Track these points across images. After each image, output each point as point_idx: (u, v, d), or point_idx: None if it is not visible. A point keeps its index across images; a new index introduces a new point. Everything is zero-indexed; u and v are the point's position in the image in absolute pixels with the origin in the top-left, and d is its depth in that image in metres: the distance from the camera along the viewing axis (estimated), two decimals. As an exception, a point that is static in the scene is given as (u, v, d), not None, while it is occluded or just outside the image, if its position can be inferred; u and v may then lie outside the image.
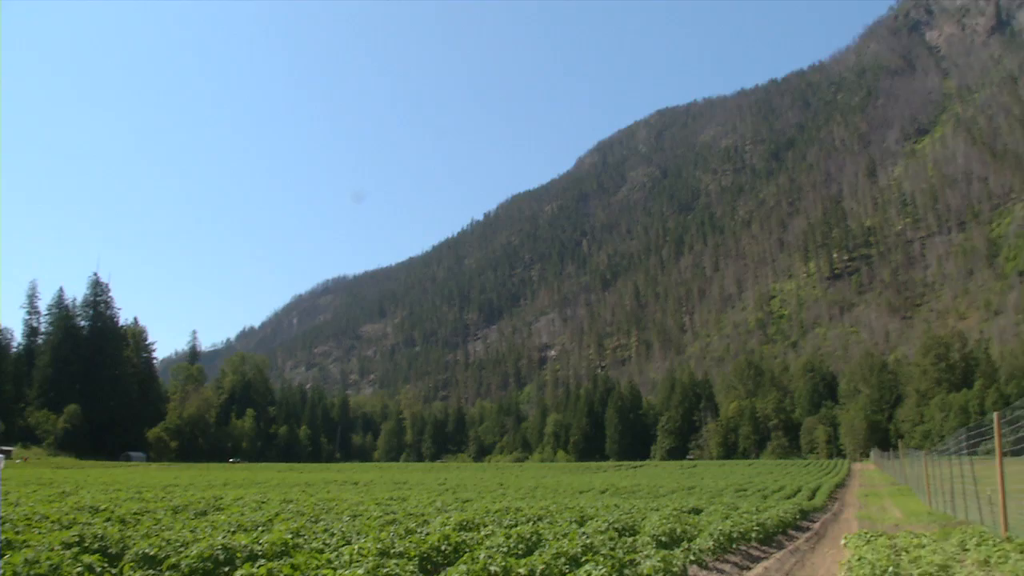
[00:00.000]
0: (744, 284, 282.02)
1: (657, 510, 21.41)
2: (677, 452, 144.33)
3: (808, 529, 23.36)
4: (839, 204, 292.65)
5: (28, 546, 9.43)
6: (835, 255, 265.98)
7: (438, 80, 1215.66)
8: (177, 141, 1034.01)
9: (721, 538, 15.36)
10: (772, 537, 19.44)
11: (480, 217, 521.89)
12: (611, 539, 13.38)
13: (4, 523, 13.19)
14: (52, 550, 8.78)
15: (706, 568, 14.01)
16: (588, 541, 12.07)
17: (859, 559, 12.11)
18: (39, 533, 11.83)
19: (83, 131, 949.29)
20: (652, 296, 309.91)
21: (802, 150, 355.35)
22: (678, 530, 15.71)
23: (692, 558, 13.69)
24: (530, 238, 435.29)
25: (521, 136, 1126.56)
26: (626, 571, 9.86)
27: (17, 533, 11.27)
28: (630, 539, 13.90)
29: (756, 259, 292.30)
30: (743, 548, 16.92)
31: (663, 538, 14.75)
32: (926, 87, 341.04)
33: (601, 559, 10.04)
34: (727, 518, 19.00)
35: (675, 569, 11.63)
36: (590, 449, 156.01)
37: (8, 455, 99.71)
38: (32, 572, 7.86)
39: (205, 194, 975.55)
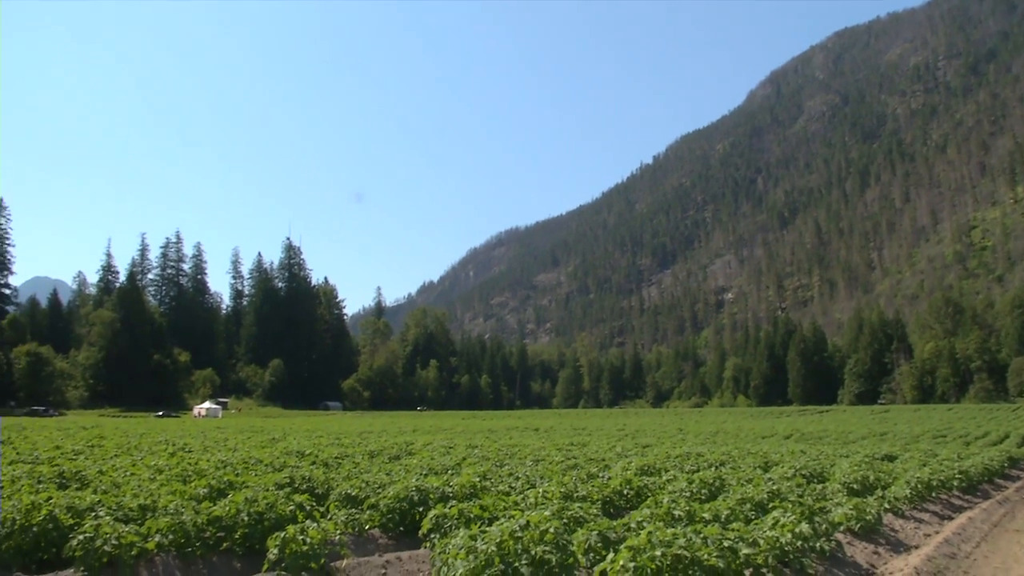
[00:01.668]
0: (940, 215, 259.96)
1: (847, 457, 20.64)
2: (867, 396, 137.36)
3: (1019, 479, 21.74)
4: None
5: (247, 487, 10.48)
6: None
7: (602, 25, 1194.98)
8: (361, 111, 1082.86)
9: (919, 486, 14.62)
10: (976, 486, 18.26)
11: (649, 160, 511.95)
12: (798, 486, 13.07)
13: (226, 466, 14.69)
14: (267, 490, 9.73)
15: (903, 517, 13.36)
16: (774, 487, 11.83)
17: (1082, 510, 11.10)
18: (255, 475, 13.14)
19: (271, 118, 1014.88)
20: (835, 232, 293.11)
21: (1006, 61, 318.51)
22: (871, 477, 15.12)
23: (887, 506, 13.15)
24: (702, 178, 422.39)
25: (687, 74, 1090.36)
26: (816, 518, 9.58)
27: (237, 475, 12.57)
28: (819, 486, 13.49)
29: (953, 187, 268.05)
30: (943, 497, 16.01)
31: (855, 485, 14.28)
32: None
33: (789, 505, 9.80)
34: (925, 465, 18.02)
35: (869, 517, 11.21)
36: (771, 394, 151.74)
37: (225, 406, 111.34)
38: (251, 510, 8.76)
39: (382, 162, 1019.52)
